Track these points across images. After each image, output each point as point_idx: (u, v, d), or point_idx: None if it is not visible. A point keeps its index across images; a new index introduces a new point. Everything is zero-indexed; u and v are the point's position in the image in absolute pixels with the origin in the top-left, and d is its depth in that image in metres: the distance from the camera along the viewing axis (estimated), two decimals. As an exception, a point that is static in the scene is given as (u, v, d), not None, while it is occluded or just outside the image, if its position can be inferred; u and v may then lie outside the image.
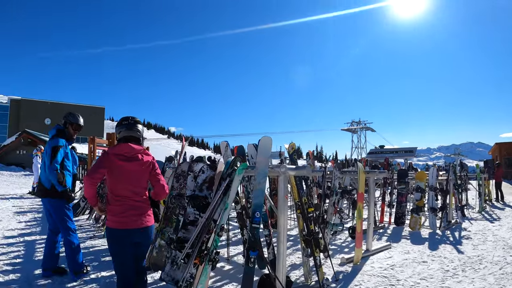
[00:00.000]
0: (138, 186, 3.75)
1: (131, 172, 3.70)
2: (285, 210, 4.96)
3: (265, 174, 4.91)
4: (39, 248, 7.16)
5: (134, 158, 3.76)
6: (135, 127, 3.93)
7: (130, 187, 3.70)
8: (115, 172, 3.67)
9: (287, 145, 7.07)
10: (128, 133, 3.88)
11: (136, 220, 3.68)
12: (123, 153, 3.73)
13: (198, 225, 4.21)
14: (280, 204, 4.96)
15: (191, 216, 4.72)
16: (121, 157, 3.71)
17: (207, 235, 4.12)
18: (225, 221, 4.62)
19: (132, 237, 3.69)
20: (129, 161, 3.72)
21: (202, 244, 4.06)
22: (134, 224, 3.67)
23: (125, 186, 3.68)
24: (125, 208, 3.65)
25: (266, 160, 4.96)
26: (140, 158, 3.81)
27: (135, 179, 3.73)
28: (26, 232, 8.49)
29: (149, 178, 3.90)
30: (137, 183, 3.75)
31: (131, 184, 3.70)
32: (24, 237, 8.04)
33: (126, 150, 3.74)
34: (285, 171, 4.93)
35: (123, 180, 3.67)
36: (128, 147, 3.76)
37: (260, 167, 4.91)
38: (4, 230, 8.67)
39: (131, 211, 3.67)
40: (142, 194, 3.79)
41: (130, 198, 3.68)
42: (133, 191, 3.72)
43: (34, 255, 6.76)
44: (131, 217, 3.66)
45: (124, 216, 3.63)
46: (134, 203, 3.70)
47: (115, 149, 3.75)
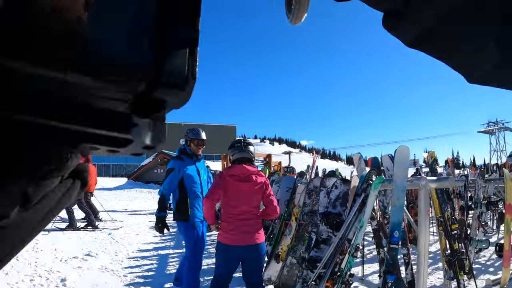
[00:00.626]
0: (250, 205, 3.92)
1: (244, 192, 3.88)
2: (426, 228, 4.44)
3: (403, 188, 4.45)
4: (172, 262, 7.36)
5: (248, 179, 3.93)
6: (247, 149, 4.08)
7: (243, 206, 3.89)
8: (229, 192, 3.88)
9: (425, 154, 6.51)
10: (242, 155, 4.04)
11: (246, 238, 3.86)
12: (237, 174, 3.92)
13: (331, 245, 3.97)
14: (421, 222, 4.46)
15: (324, 234, 4.50)
16: (236, 177, 3.90)
17: (341, 256, 3.83)
18: (360, 241, 4.28)
19: (241, 253, 3.87)
20: (243, 181, 3.90)
21: (335, 266, 3.79)
22: (244, 241, 3.85)
23: (237, 205, 3.88)
24: (237, 225, 3.86)
25: (404, 173, 4.50)
26: (254, 179, 3.96)
27: (247, 199, 3.90)
28: (161, 246, 8.83)
29: (262, 199, 4.04)
30: (250, 203, 3.92)
31: (243, 203, 3.89)
32: (158, 251, 8.34)
33: (241, 171, 3.93)
34: (425, 184, 4.42)
35: (236, 199, 3.88)
36: (242, 168, 3.94)
37: (397, 180, 4.46)
38: (140, 243, 9.09)
39: (242, 228, 3.86)
40: (253, 212, 3.95)
41: (240, 216, 3.88)
42: (243, 210, 3.90)
43: (167, 268, 6.95)
44: (241, 234, 3.85)
45: (234, 233, 3.85)
46: (246, 221, 3.88)
47: (230, 170, 3.96)
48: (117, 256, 7.66)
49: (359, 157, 6.69)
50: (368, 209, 4.05)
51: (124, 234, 10.26)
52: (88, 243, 8.82)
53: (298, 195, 6.30)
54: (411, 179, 4.81)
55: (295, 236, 5.71)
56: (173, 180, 5.14)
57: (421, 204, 4.48)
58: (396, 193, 4.43)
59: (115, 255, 7.74)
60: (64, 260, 7.18)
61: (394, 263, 4.17)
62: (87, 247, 8.28)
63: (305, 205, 5.77)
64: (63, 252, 7.80)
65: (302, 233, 5.61)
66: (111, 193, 27.26)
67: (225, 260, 3.93)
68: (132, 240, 9.46)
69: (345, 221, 4.05)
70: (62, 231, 10.27)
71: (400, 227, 4.37)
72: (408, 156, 4.57)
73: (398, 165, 4.53)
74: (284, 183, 7.02)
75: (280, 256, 6.07)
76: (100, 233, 10.16)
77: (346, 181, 4.67)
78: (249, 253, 3.90)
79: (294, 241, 5.67)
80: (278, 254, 6.17)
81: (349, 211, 4.17)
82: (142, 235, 10.16)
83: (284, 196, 6.86)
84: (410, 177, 5.03)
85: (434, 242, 8.62)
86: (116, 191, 29.62)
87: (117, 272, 6.48)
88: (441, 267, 6.17)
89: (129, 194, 26.99)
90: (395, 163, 4.61)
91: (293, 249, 5.60)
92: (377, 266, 6.53)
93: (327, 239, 4.38)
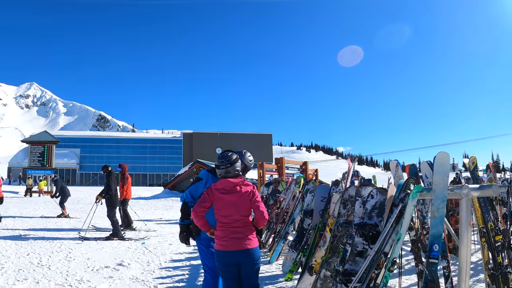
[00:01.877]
0: (237, 214, 4.18)
1: (231, 202, 4.18)
2: (468, 241, 4.16)
3: (444, 198, 4.18)
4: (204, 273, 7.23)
5: (232, 190, 4.22)
6: (232, 168, 4.32)
7: (231, 215, 4.18)
8: (218, 204, 4.22)
9: (466, 159, 6.20)
10: (226, 174, 4.30)
11: (236, 243, 4.14)
12: (222, 187, 4.23)
13: (367, 258, 3.77)
14: (463, 233, 4.18)
15: (359, 247, 4.31)
16: (222, 190, 4.23)
17: (376, 271, 3.61)
18: (398, 254, 4.03)
19: (234, 258, 4.16)
20: (229, 193, 4.21)
21: (371, 281, 3.59)
22: (234, 246, 4.14)
23: (225, 214, 4.19)
24: (227, 233, 4.17)
25: (445, 181, 4.22)
26: (239, 189, 4.24)
27: (234, 208, 4.18)
28: (193, 256, 8.72)
29: (250, 206, 4.25)
30: (237, 212, 4.18)
31: (231, 212, 4.18)
32: (191, 261, 8.24)
33: (225, 184, 4.25)
34: (467, 192, 4.14)
35: (224, 210, 4.19)
36: (226, 182, 4.26)
37: (437, 189, 4.19)
38: (172, 253, 9.02)
39: (232, 235, 4.16)
40: (242, 220, 4.20)
41: (230, 225, 4.18)
42: (233, 218, 4.18)
43: (198, 279, 6.85)
44: (231, 240, 4.14)
45: (225, 240, 4.16)
46: (235, 228, 4.17)
47: (217, 184, 4.29)
48: (149, 266, 7.60)
49: (396, 164, 6.42)
50: (406, 220, 3.82)
51: (158, 243, 10.24)
52: (121, 252, 8.81)
53: (333, 204, 6.11)
54: (452, 187, 4.51)
55: (329, 247, 5.52)
56: (197, 188, 4.97)
57: (463, 215, 4.21)
58: (436, 204, 4.17)
59: (147, 265, 7.68)
60: (96, 269, 7.16)
61: (434, 279, 3.91)
62: (119, 257, 8.26)
63: (340, 215, 5.59)
64: (95, 261, 7.80)
65: (337, 244, 5.41)
66: (148, 202, 27.58)
67: (223, 266, 4.25)
68: (165, 250, 9.41)
69: (381, 233, 3.86)
70: (96, 240, 10.33)
71: (440, 240, 4.11)
72: (448, 163, 4.31)
73: (438, 172, 4.26)
74: (319, 192, 6.83)
75: (314, 268, 5.88)
76: (134, 243, 10.16)
77: (382, 190, 4.46)
78: (241, 258, 4.18)
79: (328, 253, 5.48)
80: (311, 266, 5.98)
81: (385, 222, 3.96)
82: (175, 245, 10.09)
83: (318, 205, 6.68)
84: (450, 184, 4.73)
85: (475, 252, 8.21)
86: (152, 200, 29.97)
87: (148, 283, 6.40)
88: (482, 279, 5.85)
89: (165, 203, 27.22)
90: (434, 171, 4.35)
91: (327, 261, 5.41)
92: (415, 278, 6.22)
93: (362, 252, 4.20)
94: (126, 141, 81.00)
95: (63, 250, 8.82)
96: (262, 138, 75.28)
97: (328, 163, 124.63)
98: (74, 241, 10.16)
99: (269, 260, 7.95)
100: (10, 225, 12.93)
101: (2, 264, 7.30)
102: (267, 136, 78.92)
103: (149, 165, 76.69)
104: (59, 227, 13.05)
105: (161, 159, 77.42)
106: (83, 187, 55.68)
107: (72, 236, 10.89)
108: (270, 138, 79.75)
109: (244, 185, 4.32)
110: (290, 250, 7.00)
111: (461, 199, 4.21)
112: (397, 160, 6.37)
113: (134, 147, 78.60)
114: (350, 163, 7.33)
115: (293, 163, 27.52)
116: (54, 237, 10.69)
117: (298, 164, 27.42)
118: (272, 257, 7.92)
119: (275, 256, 7.94)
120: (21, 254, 8.31)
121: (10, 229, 11.71)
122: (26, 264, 7.43)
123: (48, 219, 15.38)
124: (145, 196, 34.82)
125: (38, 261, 7.69)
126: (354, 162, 7.36)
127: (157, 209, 22.33)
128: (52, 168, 36.23)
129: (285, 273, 6.76)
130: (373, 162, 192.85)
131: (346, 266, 4.23)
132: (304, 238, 6.75)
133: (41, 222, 14.51)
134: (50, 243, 9.69)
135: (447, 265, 5.06)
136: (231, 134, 76.37)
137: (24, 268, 7.11)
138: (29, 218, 15.77)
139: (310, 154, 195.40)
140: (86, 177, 74.77)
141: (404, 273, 6.56)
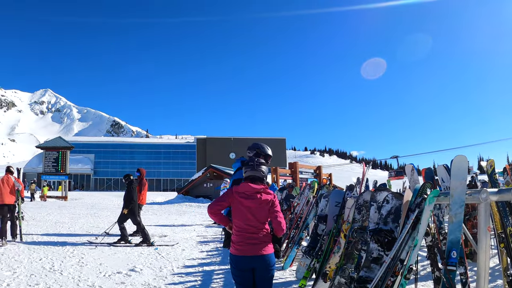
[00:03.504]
0: (255, 221, 4.20)
1: (249, 208, 4.20)
2: (487, 247, 4.04)
3: (462, 202, 4.07)
4: (217, 279, 7.20)
5: (253, 196, 4.22)
6: (259, 168, 4.39)
7: (247, 221, 4.20)
8: (236, 207, 4.26)
9: (484, 162, 6.07)
10: (253, 173, 4.35)
11: (253, 249, 4.16)
12: (243, 191, 4.25)
13: (383, 265, 3.68)
14: (481, 239, 4.06)
15: (374, 253, 4.22)
16: (242, 194, 4.24)
17: (392, 278, 3.51)
18: (414, 261, 3.92)
19: (249, 263, 4.18)
20: (248, 198, 4.21)
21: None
22: (250, 252, 4.16)
23: (243, 219, 4.22)
24: (243, 238, 4.20)
25: (463, 185, 4.11)
26: (259, 196, 4.24)
27: (252, 214, 4.19)
28: (206, 262, 8.66)
29: (268, 215, 4.27)
30: (254, 218, 4.20)
31: (248, 218, 4.20)
32: (204, 267, 8.17)
33: (247, 189, 4.25)
34: (486, 197, 4.03)
35: (242, 214, 4.22)
36: (248, 186, 4.26)
37: (455, 194, 4.08)
38: (185, 259, 8.96)
39: (248, 241, 4.18)
40: (258, 227, 4.22)
41: (247, 230, 4.20)
42: (250, 224, 4.20)
43: (210, 285, 6.79)
44: (248, 245, 4.16)
45: (241, 244, 4.19)
46: (251, 234, 4.19)
47: (239, 188, 4.31)
48: (161, 272, 7.55)
49: (412, 168, 6.31)
50: (422, 226, 3.72)
51: (171, 249, 10.19)
52: (134, 258, 8.78)
53: (347, 210, 6.02)
54: (470, 191, 4.39)
55: (344, 254, 5.45)
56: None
57: (481, 220, 4.09)
58: (454, 209, 4.06)
59: (159, 270, 7.63)
60: (108, 275, 7.13)
61: (452, 286, 3.79)
62: (132, 262, 8.23)
63: (354, 221, 5.51)
64: (107, 267, 7.77)
65: (352, 251, 5.32)
66: (161, 208, 27.61)
67: (237, 270, 4.28)
68: (178, 255, 9.35)
69: (397, 239, 3.77)
70: (110, 245, 10.31)
71: (458, 246, 4.01)
72: (466, 167, 4.20)
73: (456, 176, 4.15)
74: (333, 197, 6.74)
75: (328, 275, 5.79)
76: (146, 248, 10.13)
77: (398, 195, 4.36)
78: (256, 263, 4.21)
79: (343, 259, 5.42)
80: (325, 272, 5.88)
81: (401, 228, 3.87)
82: (188, 251, 10.05)
83: (333, 211, 6.59)
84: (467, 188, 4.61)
85: (492, 256, 8.02)
86: (166, 206, 29.99)
87: (159, 289, 6.34)
88: (500, 285, 5.72)
89: (178, 209, 27.22)
90: (452, 175, 4.24)
91: (342, 268, 5.32)
92: (431, 284, 6.09)
93: (378, 258, 4.12)
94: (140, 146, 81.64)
95: (75, 256, 8.81)
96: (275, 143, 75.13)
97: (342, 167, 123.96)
98: (87, 246, 10.15)
99: (283, 266, 7.85)
100: (23, 230, 13.00)
101: (15, 269, 7.30)
102: (281, 140, 78.96)
103: (163, 170, 77.14)
104: (72, 232, 13.08)
105: (174, 164, 77.87)
106: (97, 192, 56.20)
107: (85, 241, 10.89)
108: (283, 142, 79.81)
109: (266, 193, 4.32)
110: (304, 256, 6.91)
111: (479, 203, 4.09)
112: (412, 163, 6.26)
113: (148, 152, 79.17)
114: (364, 168, 7.22)
115: (307, 168, 27.50)
116: (67, 242, 10.70)
117: (312, 168, 27.38)
118: (285, 263, 7.82)
119: (288, 262, 7.85)
120: (34, 259, 8.32)
121: (24, 234, 11.73)
122: (38, 269, 7.42)
123: (61, 224, 15.43)
124: (159, 201, 34.91)
125: (51, 266, 7.68)
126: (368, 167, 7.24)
127: (171, 214, 22.33)
128: (67, 173, 36.40)
129: (299, 280, 6.66)
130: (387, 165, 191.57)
131: (361, 273, 4.17)
132: (318, 244, 6.66)
133: (55, 227, 14.56)
134: (63, 248, 9.70)
135: (464, 272, 4.93)
136: (244, 139, 76.47)
137: (36, 273, 7.10)
138: (42, 223, 15.83)
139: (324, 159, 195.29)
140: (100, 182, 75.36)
141: (419, 279, 6.42)
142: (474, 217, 7.18)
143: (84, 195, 42.21)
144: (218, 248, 10.53)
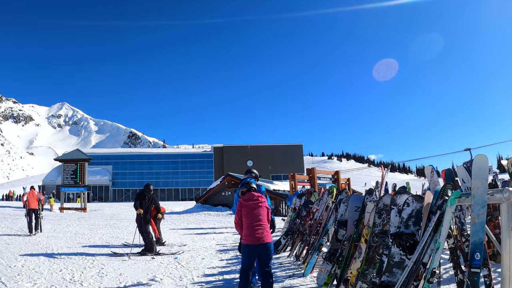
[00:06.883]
0: (260, 217, 5.88)
1: (253, 209, 5.91)
2: (511, 248, 3.95)
3: (484, 202, 3.98)
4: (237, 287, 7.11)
5: (255, 200, 5.98)
6: (251, 186, 6.24)
7: (254, 218, 5.85)
8: (244, 210, 5.94)
9: (505, 161, 5.95)
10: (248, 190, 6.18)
11: (259, 239, 5.74)
12: (248, 198, 6.00)
13: (405, 269, 3.61)
14: (505, 239, 3.98)
15: (396, 257, 4.16)
16: (248, 200, 5.98)
17: (415, 282, 3.45)
18: (437, 264, 3.85)
19: (256, 249, 5.75)
20: (252, 202, 5.97)
21: (411, 293, 3.40)
22: (257, 241, 5.73)
23: (252, 218, 5.86)
24: (251, 231, 5.78)
25: (484, 186, 4.03)
26: (259, 200, 6.01)
27: (255, 213, 5.89)
28: (226, 270, 8.63)
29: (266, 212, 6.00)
30: (259, 215, 5.89)
31: (255, 216, 5.87)
32: (224, 275, 8.15)
33: (249, 197, 6.02)
34: (509, 196, 3.94)
35: (249, 214, 5.88)
36: (251, 195, 6.05)
37: (477, 194, 4.00)
38: (205, 268, 8.95)
39: (255, 233, 5.76)
40: (261, 221, 5.87)
41: (253, 225, 5.81)
42: (255, 220, 5.84)
43: (230, 294, 6.73)
44: (255, 236, 5.75)
45: (251, 235, 5.77)
46: (257, 228, 5.79)
47: (244, 197, 6.06)
48: (181, 281, 7.54)
49: (431, 170, 6.22)
50: (444, 228, 3.65)
51: (190, 258, 10.20)
52: (153, 268, 8.79)
53: (367, 214, 5.96)
54: (492, 191, 4.31)
55: (365, 259, 5.42)
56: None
57: (504, 220, 4.01)
58: (476, 209, 3.97)
59: (179, 280, 7.63)
60: (128, 285, 7.17)
61: (477, 289, 3.71)
62: (152, 272, 8.24)
63: (375, 225, 5.48)
64: (127, 277, 7.80)
65: (373, 255, 5.27)
66: (180, 217, 27.68)
67: (247, 255, 5.83)
68: (198, 264, 9.35)
69: (419, 243, 3.71)
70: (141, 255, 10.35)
71: (481, 248, 3.92)
72: (487, 166, 4.11)
73: (477, 176, 4.07)
74: (352, 202, 6.68)
75: (350, 281, 5.73)
76: (166, 258, 10.14)
77: (418, 197, 4.29)
78: (261, 249, 5.75)
79: (364, 265, 5.38)
80: (347, 278, 5.82)
81: (423, 231, 3.81)
82: (208, 259, 10.04)
83: (352, 216, 6.52)
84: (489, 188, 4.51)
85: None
86: (185, 215, 30.07)
87: (180, 298, 6.32)
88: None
89: (197, 218, 27.26)
90: (473, 175, 4.16)
91: (363, 273, 5.28)
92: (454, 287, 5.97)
93: (400, 263, 4.05)
94: (157, 156, 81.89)
95: (95, 266, 8.86)
96: (292, 149, 75.10)
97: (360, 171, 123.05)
98: (107, 256, 10.20)
99: (303, 273, 7.78)
100: (44, 242, 13.10)
101: (35, 280, 7.36)
102: (298, 147, 78.60)
103: (180, 179, 77.31)
104: (92, 243, 13.15)
105: (192, 173, 78.01)
106: (116, 203, 56.50)
107: (104, 252, 10.94)
108: (300, 148, 79.41)
109: (262, 197, 6.11)
110: (324, 262, 6.84)
111: (501, 203, 4.01)
112: (431, 165, 6.17)
113: (166, 162, 79.39)
114: (383, 171, 7.13)
115: (324, 173, 27.37)
116: (86, 253, 10.77)
117: (329, 173, 27.24)
118: (306, 270, 7.75)
119: (309, 269, 7.77)
120: (54, 270, 8.38)
121: (44, 246, 11.83)
122: (59, 280, 7.48)
123: (81, 235, 15.54)
124: (177, 210, 35.04)
125: (71, 277, 7.73)
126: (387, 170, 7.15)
127: (190, 223, 22.36)
128: (85, 185, 36.75)
129: (320, 286, 6.61)
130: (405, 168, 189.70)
131: (383, 278, 4.11)
132: (338, 249, 6.59)
133: (74, 238, 14.66)
134: (83, 259, 9.76)
135: (488, 273, 4.82)
136: (261, 146, 76.53)
137: (57, 284, 7.15)
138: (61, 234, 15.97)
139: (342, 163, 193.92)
140: (119, 193, 75.75)
141: (442, 282, 6.30)
142: (496, 217, 7.04)
143: (103, 206, 42.51)
144: (237, 256, 10.49)
